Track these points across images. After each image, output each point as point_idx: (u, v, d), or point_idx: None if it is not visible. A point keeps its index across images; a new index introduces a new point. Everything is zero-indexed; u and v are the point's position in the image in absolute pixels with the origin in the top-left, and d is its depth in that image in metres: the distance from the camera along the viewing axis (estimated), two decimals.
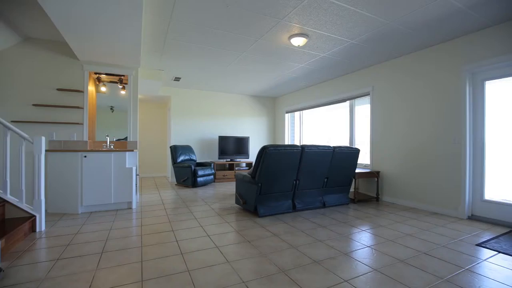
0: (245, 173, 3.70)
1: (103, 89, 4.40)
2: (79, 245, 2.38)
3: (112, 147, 4.15)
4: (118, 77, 4.32)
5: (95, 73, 4.22)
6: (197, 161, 6.58)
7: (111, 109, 4.42)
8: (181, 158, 6.05)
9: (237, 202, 3.85)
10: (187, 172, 5.64)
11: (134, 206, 3.75)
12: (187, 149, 6.32)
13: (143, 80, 4.92)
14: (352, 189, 4.88)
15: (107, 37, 3.16)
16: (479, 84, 3.31)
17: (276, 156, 3.27)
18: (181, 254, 2.21)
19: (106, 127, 4.37)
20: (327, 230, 2.88)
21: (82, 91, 3.97)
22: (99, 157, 3.51)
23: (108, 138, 4.12)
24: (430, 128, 3.75)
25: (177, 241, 2.52)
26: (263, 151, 3.21)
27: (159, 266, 1.98)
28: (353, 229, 2.92)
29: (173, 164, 5.99)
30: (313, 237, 2.67)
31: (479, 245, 2.45)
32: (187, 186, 5.73)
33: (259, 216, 3.38)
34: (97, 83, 4.34)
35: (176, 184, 6.02)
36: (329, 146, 3.76)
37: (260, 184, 3.32)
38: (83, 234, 2.69)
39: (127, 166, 3.67)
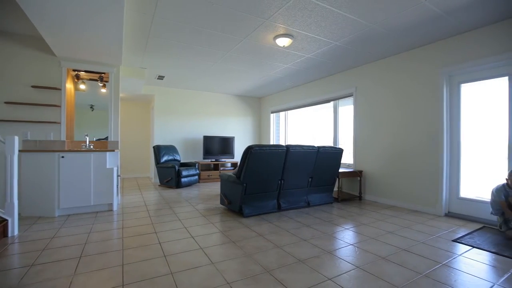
0: (230, 173, 3.67)
1: (82, 87, 4.23)
2: (55, 250, 2.27)
3: (91, 147, 3.99)
4: (98, 75, 4.16)
5: (74, 70, 4.04)
6: (181, 161, 6.47)
7: (91, 107, 4.26)
8: (165, 158, 5.93)
9: (221, 202, 3.82)
10: (170, 173, 5.53)
11: (115, 208, 3.63)
12: (171, 149, 6.20)
13: (125, 78, 4.78)
14: (336, 188, 4.96)
15: (87, 32, 3.03)
16: (455, 87, 3.46)
17: (261, 156, 3.27)
18: (164, 256, 2.16)
19: (86, 127, 4.21)
20: (312, 229, 2.91)
21: (59, 89, 3.80)
22: (78, 157, 3.36)
23: (88, 138, 3.96)
24: (410, 129, 3.88)
25: (160, 243, 2.46)
26: (248, 151, 3.20)
27: (141, 269, 1.92)
28: (336, 228, 2.97)
29: (156, 165, 5.86)
30: (297, 236, 2.69)
31: (455, 240, 2.56)
32: (170, 187, 5.62)
33: (244, 216, 3.37)
34: (76, 80, 4.17)
35: (159, 185, 5.89)
36: (314, 146, 3.80)
37: (245, 184, 3.31)
38: (60, 238, 2.56)
39: (107, 167, 3.54)
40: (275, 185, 3.59)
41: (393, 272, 1.93)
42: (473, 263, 2.09)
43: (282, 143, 7.34)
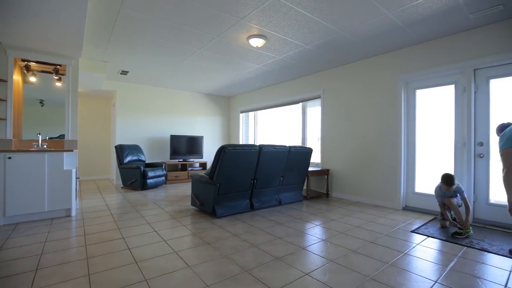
0: (202, 173, 3.59)
1: (32, 79, 3.78)
2: (3, 264, 2.00)
3: (45, 146, 3.59)
4: (53, 67, 3.75)
5: (23, 60, 3.60)
6: (146, 162, 6.15)
7: (40, 103, 3.83)
8: (128, 158, 5.58)
9: (193, 203, 3.71)
10: (135, 174, 5.22)
11: (73, 213, 3.32)
12: (135, 148, 5.86)
13: (84, 71, 4.38)
14: (304, 187, 5.14)
15: (41, 18, 2.70)
16: (411, 92, 3.81)
17: (235, 156, 3.26)
18: (136, 262, 2.04)
19: (34, 124, 3.76)
20: (285, 227, 2.98)
21: (5, 81, 3.35)
22: (29, 158, 3.00)
23: (40, 137, 3.55)
24: (373, 130, 4.18)
25: (129, 249, 2.31)
26: (222, 150, 3.16)
27: (111, 278, 1.79)
28: (308, 225, 3.08)
29: (119, 165, 5.48)
30: (272, 234, 2.73)
31: (413, 231, 2.83)
32: (135, 189, 5.31)
33: (217, 217, 3.32)
34: (25, 72, 3.71)
35: (122, 187, 5.52)
36: (285, 146, 3.89)
37: (218, 184, 3.26)
38: (7, 250, 2.26)
39: (65, 169, 3.22)
40: (248, 184, 3.60)
41: (363, 263, 2.06)
42: (429, 250, 2.33)
43: (251, 143, 7.37)
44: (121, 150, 5.52)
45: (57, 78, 3.85)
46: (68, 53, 3.68)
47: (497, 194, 3.08)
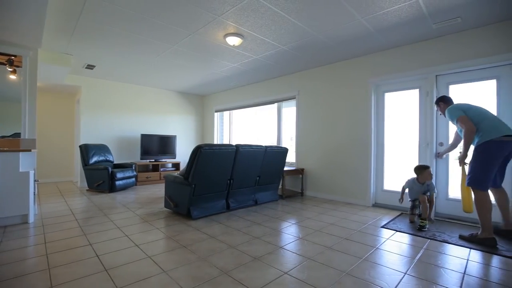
0: (176, 173, 3.47)
1: None
2: None
3: None
4: (6, 57, 3.38)
5: None
6: (115, 163, 5.80)
7: None
8: (95, 159, 5.22)
9: (166, 205, 3.58)
10: (102, 175, 4.90)
11: (31, 219, 3.02)
12: (102, 148, 5.50)
13: (44, 64, 4.01)
14: (280, 186, 5.19)
15: None
16: (381, 95, 4.03)
17: (211, 156, 3.19)
18: (106, 270, 1.90)
19: None
20: (262, 227, 2.98)
21: None
22: None
23: None
24: (345, 131, 4.35)
25: (97, 256, 2.15)
26: (198, 150, 3.08)
27: None
28: (285, 224, 3.11)
29: (84, 167, 5.11)
30: (249, 235, 2.71)
31: (383, 227, 2.98)
32: (102, 191, 4.98)
33: (193, 219, 3.23)
34: None
35: (88, 190, 5.15)
36: (262, 146, 3.90)
37: (193, 185, 3.17)
38: None
39: (21, 170, 2.92)
40: (224, 185, 3.54)
41: (340, 260, 2.12)
42: (398, 244, 2.47)
43: (226, 142, 7.30)
44: (86, 150, 5.14)
45: (11, 70, 3.48)
46: (26, 43, 3.35)
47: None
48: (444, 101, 2.93)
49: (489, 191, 2.49)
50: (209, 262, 2.05)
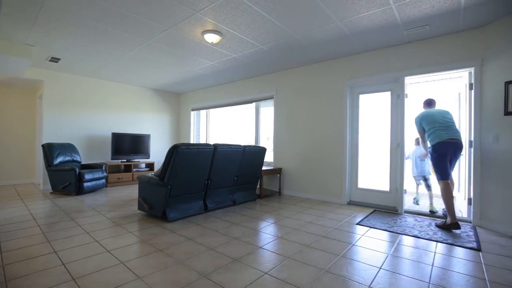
0: (150, 174, 3.33)
1: None
2: None
3: None
4: None
5: None
6: (82, 163, 5.44)
7: None
8: (60, 159, 4.85)
9: (140, 207, 3.42)
10: (69, 177, 4.57)
11: None
12: (68, 148, 5.13)
13: (1, 55, 3.64)
14: (257, 185, 5.19)
15: None
16: (355, 97, 4.17)
17: (188, 156, 3.10)
18: (73, 279, 1.76)
19: None
20: (241, 227, 2.95)
21: None
22: None
23: None
24: (322, 131, 4.45)
25: (63, 264, 1.99)
26: (174, 150, 2.97)
27: None
28: (263, 223, 3.11)
29: (47, 168, 4.72)
30: (228, 235, 2.67)
31: (358, 224, 3.09)
32: (69, 194, 4.65)
33: (169, 221, 3.11)
34: None
35: (52, 193, 4.78)
36: (240, 145, 3.86)
37: (169, 186, 3.06)
38: None
39: None
40: (201, 185, 3.46)
41: (318, 257, 2.15)
42: (372, 240, 2.56)
43: (203, 142, 7.16)
44: (50, 150, 4.76)
45: None
46: None
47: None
48: (424, 104, 3.41)
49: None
50: (187, 266, 1.98)
